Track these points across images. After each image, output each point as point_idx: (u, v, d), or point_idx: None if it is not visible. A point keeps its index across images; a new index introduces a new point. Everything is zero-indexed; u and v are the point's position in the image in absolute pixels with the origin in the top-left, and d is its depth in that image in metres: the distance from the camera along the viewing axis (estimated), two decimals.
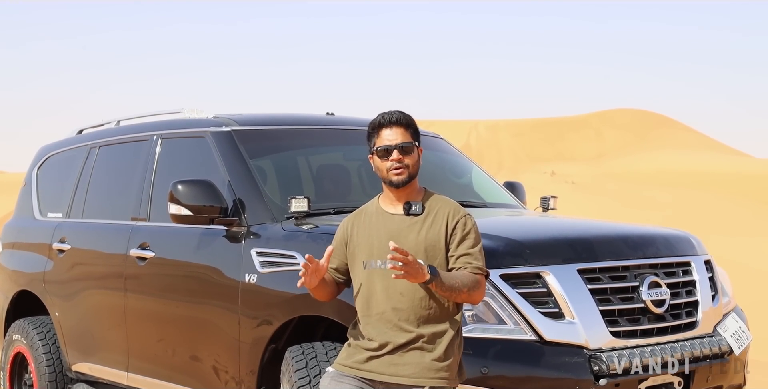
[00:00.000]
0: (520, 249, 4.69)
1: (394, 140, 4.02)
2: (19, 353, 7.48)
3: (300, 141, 6.27)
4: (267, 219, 5.43)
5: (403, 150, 4.01)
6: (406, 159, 4.00)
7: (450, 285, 3.84)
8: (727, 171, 43.81)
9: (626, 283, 4.84)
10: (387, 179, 4.02)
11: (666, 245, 5.20)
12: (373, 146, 4.07)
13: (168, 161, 6.37)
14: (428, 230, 3.97)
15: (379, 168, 4.05)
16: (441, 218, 3.99)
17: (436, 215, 4.01)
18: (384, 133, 4.05)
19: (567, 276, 4.66)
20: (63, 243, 7.08)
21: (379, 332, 3.93)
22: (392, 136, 4.03)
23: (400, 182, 4.00)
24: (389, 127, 4.05)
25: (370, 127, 4.10)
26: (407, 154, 4.01)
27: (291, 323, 5.11)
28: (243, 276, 5.31)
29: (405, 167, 4.00)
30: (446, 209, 4.03)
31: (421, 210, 4.02)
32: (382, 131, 4.05)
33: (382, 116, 4.08)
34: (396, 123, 4.05)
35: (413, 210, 4.01)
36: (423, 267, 3.76)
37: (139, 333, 6.28)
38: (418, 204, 4.02)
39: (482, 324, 4.48)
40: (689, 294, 5.12)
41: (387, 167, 4.01)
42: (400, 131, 4.04)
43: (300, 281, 3.96)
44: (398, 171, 3.99)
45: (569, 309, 4.59)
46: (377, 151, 4.03)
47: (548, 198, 6.49)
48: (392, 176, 4.00)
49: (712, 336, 5.10)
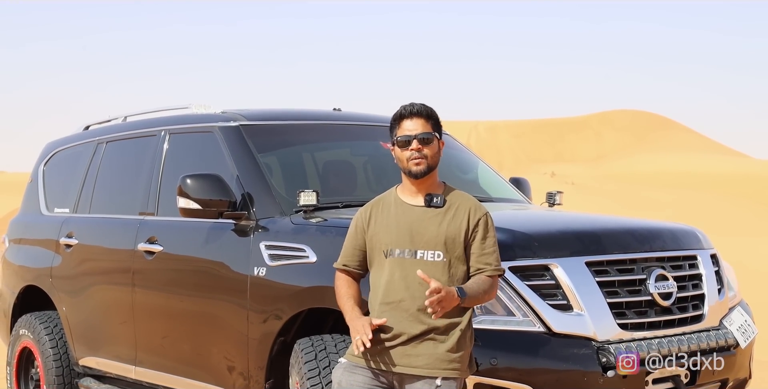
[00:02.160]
0: (528, 242, 4.72)
1: (414, 131, 4.06)
2: (26, 348, 7.50)
3: (308, 136, 6.31)
4: (276, 213, 5.46)
5: (423, 140, 4.05)
6: (425, 149, 4.05)
7: (475, 297, 3.98)
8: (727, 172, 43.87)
9: (634, 276, 4.87)
10: (407, 169, 4.06)
11: (673, 239, 5.24)
12: (394, 137, 4.12)
13: (176, 156, 6.40)
14: (449, 223, 4.02)
15: (399, 158, 4.10)
16: (462, 213, 4.05)
17: (458, 209, 4.06)
18: (405, 124, 4.10)
19: (575, 269, 4.69)
20: (70, 238, 7.10)
21: (395, 321, 3.96)
22: (412, 126, 4.08)
23: (419, 172, 4.04)
24: (410, 118, 4.10)
25: (392, 119, 4.16)
26: (427, 144, 4.06)
27: (300, 316, 5.13)
28: (252, 270, 5.34)
29: (423, 157, 4.04)
30: (467, 204, 4.09)
31: (443, 203, 4.07)
32: (403, 122, 4.11)
33: (404, 107, 4.15)
34: (417, 114, 4.10)
35: (435, 202, 4.07)
36: (454, 294, 3.88)
37: (147, 327, 6.30)
38: (440, 196, 4.07)
39: (491, 316, 4.52)
40: (696, 287, 5.15)
41: (407, 156, 4.05)
42: (420, 122, 4.09)
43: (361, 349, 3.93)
44: (417, 161, 4.03)
45: (577, 301, 4.62)
46: (398, 141, 4.08)
47: (554, 194, 6.52)
48: (412, 165, 4.04)
49: (719, 329, 5.13)
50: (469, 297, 3.93)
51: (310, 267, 5.02)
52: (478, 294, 3.98)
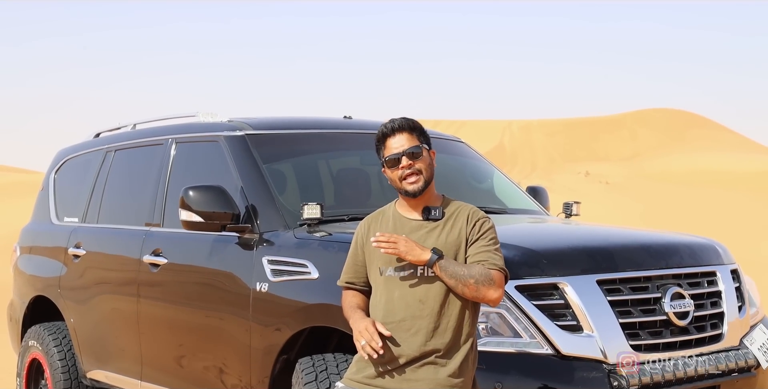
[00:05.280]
0: (536, 259, 4.52)
1: (400, 147, 3.89)
2: (35, 359, 7.40)
3: (315, 145, 6.13)
4: (279, 226, 5.29)
5: (412, 155, 3.88)
6: (416, 164, 3.87)
7: (453, 271, 3.72)
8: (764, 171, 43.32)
9: (648, 294, 4.66)
10: (402, 189, 3.89)
11: (690, 254, 5.01)
12: (382, 158, 3.94)
13: (182, 165, 6.25)
14: (448, 234, 3.85)
15: (392, 179, 3.92)
16: (461, 221, 3.86)
17: (456, 218, 3.87)
18: (390, 142, 3.92)
19: (586, 288, 4.48)
20: (78, 249, 6.98)
21: (394, 342, 3.77)
22: (398, 143, 3.90)
23: (416, 190, 3.86)
24: (393, 135, 3.92)
25: (376, 140, 3.98)
26: (417, 158, 3.88)
27: (302, 333, 4.96)
28: (255, 285, 5.18)
29: (417, 172, 3.86)
30: (465, 212, 3.90)
31: (441, 215, 3.88)
32: (387, 141, 3.93)
33: (384, 126, 3.96)
34: (399, 129, 3.92)
35: (433, 215, 3.88)
36: (418, 245, 3.70)
37: (153, 341, 6.17)
38: (438, 209, 3.89)
39: (497, 338, 4.33)
40: (714, 305, 4.93)
41: (399, 175, 3.87)
42: (405, 137, 3.91)
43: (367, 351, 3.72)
44: (412, 179, 3.85)
45: (588, 321, 4.41)
46: (386, 161, 3.90)
47: (571, 204, 6.32)
48: (406, 185, 3.86)
49: (738, 349, 4.92)
50: (444, 263, 3.70)
51: (313, 284, 4.86)
52: (459, 269, 3.72)
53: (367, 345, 3.69)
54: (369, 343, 3.68)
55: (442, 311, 3.78)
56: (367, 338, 3.70)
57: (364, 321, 3.78)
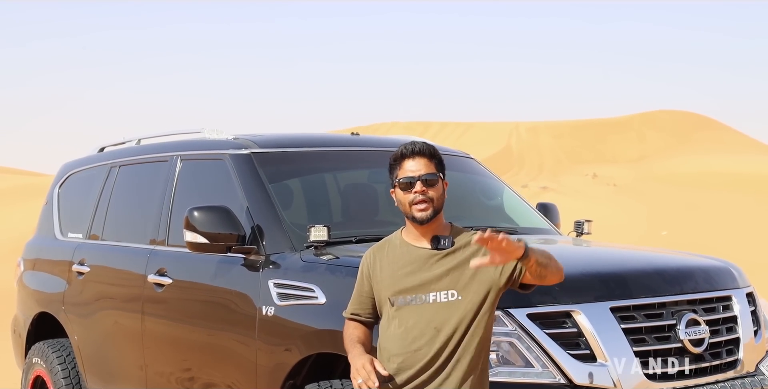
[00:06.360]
0: (548, 286, 4.41)
1: (417, 172, 3.79)
2: (39, 376, 7.32)
3: (322, 163, 6.03)
4: (286, 248, 5.19)
5: (427, 182, 3.78)
6: (430, 191, 3.78)
7: (542, 251, 3.67)
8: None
9: (663, 321, 4.55)
10: (410, 214, 3.79)
11: (705, 278, 4.90)
12: (395, 178, 3.84)
13: (187, 183, 6.15)
14: (460, 262, 3.75)
15: (401, 202, 3.82)
16: (473, 249, 3.76)
17: (466, 248, 3.77)
18: (406, 164, 3.82)
19: (599, 315, 4.38)
20: (82, 265, 6.90)
21: (406, 368, 3.70)
22: (415, 167, 3.80)
23: (424, 218, 3.77)
24: (412, 157, 3.83)
25: (392, 158, 3.88)
26: (431, 186, 3.79)
27: (309, 358, 4.87)
28: (261, 308, 5.08)
29: (429, 200, 3.77)
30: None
31: (451, 245, 3.78)
32: (404, 162, 3.83)
33: (404, 146, 3.86)
34: (419, 153, 3.83)
35: (442, 245, 3.78)
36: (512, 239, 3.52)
37: (156, 361, 6.08)
38: (448, 238, 3.79)
39: (508, 367, 4.22)
40: (730, 330, 4.83)
41: (410, 199, 3.78)
42: (423, 162, 3.82)
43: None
44: (422, 206, 3.76)
45: (601, 350, 4.31)
46: (399, 183, 3.80)
47: (582, 222, 6.21)
48: (416, 211, 3.77)
49: (755, 375, 4.82)
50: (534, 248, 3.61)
51: (319, 309, 4.76)
52: (545, 254, 3.67)
53: (364, 384, 3.59)
54: (366, 382, 3.59)
55: (458, 338, 3.70)
56: (363, 377, 3.60)
57: (362, 358, 3.68)
